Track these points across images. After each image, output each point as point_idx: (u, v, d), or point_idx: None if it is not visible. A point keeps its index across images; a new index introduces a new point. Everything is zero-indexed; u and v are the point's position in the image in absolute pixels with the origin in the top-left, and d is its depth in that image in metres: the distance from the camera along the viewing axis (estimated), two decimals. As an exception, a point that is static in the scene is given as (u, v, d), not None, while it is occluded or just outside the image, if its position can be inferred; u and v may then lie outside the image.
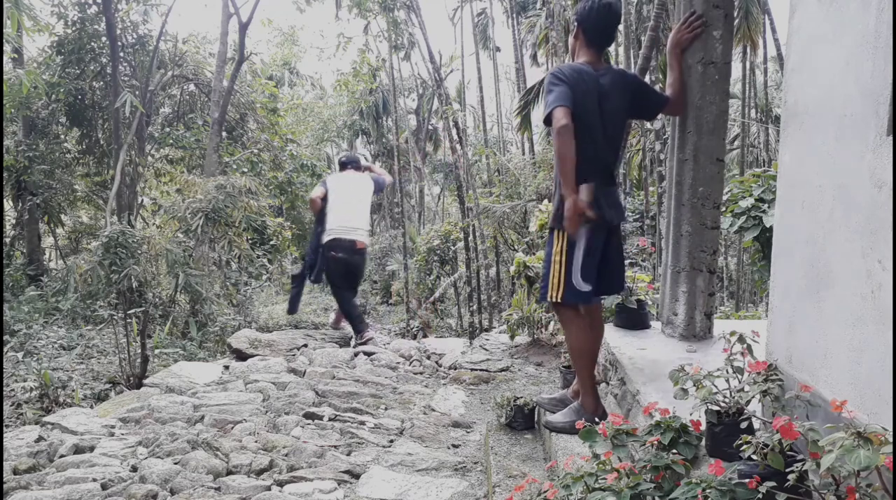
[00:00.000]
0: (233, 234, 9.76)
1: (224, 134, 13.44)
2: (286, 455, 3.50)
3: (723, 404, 2.10)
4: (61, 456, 3.49)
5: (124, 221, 9.58)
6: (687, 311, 3.59)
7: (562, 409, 3.21)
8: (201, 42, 16.27)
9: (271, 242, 12.18)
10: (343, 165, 6.79)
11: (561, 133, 2.71)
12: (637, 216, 13.26)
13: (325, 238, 6.22)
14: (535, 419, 3.75)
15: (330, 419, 4.12)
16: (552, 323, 5.74)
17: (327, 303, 16.69)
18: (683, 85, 3.37)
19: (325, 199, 6.34)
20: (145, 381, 5.26)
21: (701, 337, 3.58)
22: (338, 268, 6.24)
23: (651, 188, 12.82)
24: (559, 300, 2.91)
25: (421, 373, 5.61)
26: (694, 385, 2.13)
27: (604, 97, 2.88)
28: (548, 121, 2.80)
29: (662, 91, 3.38)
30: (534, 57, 17.41)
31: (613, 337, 3.77)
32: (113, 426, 4.00)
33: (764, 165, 15.34)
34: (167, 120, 15.21)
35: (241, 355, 5.91)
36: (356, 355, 5.94)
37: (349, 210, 6.27)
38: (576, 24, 3.00)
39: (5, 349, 6.71)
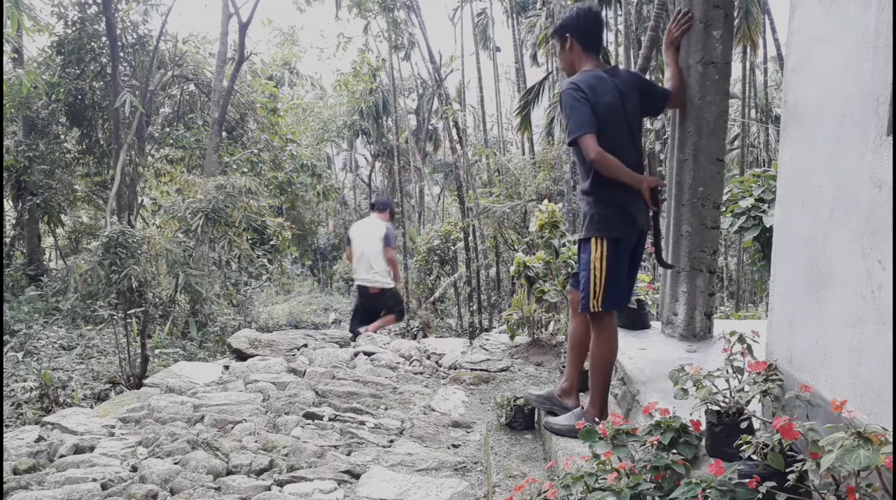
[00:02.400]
0: (233, 234, 9.76)
1: (224, 134, 13.43)
2: (286, 455, 3.50)
3: (723, 404, 2.10)
4: (61, 456, 3.49)
5: (124, 221, 9.58)
6: (687, 311, 3.59)
7: (549, 406, 3.21)
8: (201, 42, 16.27)
9: (271, 242, 12.18)
10: (371, 207, 7.64)
11: (598, 161, 2.71)
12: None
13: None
14: (535, 418, 3.75)
15: (330, 419, 4.12)
16: (552, 323, 5.73)
17: (327, 303, 16.72)
18: (682, 79, 3.37)
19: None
20: (145, 381, 5.26)
21: (701, 337, 3.59)
22: (360, 304, 7.31)
23: (651, 188, 12.77)
24: (600, 309, 2.85)
25: (421, 373, 5.61)
26: (694, 385, 2.13)
27: (625, 98, 2.86)
28: (573, 142, 2.78)
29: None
30: (534, 57, 17.40)
31: (613, 337, 3.77)
32: (113, 426, 4.00)
33: (764, 165, 15.34)
34: (167, 120, 15.21)
35: (241, 355, 5.91)
36: (356, 355, 5.94)
37: (363, 259, 7.02)
38: (566, 36, 2.93)
39: (5, 349, 6.71)
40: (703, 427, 2.15)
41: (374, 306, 7.15)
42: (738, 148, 19.29)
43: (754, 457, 1.71)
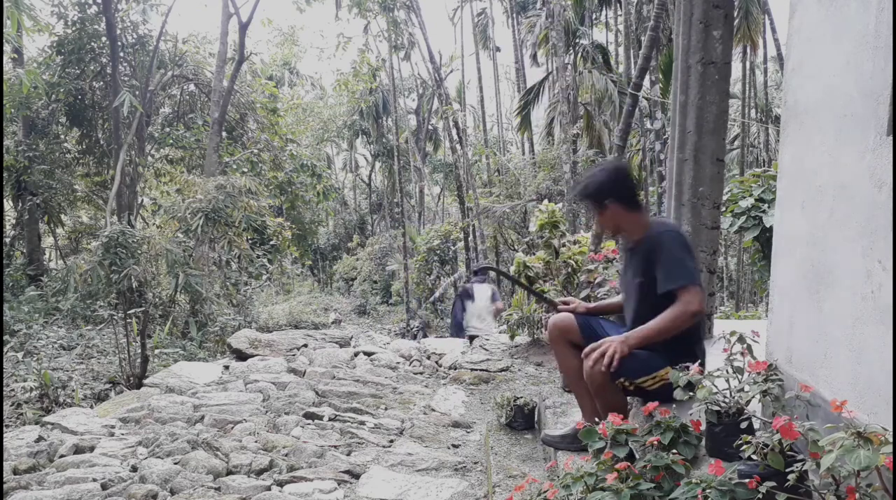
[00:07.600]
0: (233, 234, 9.76)
1: (224, 134, 13.44)
2: (286, 455, 3.50)
3: (723, 404, 2.10)
4: (61, 456, 3.49)
5: (124, 221, 9.57)
6: (687, 311, 3.58)
7: (579, 444, 2.69)
8: (201, 42, 16.26)
9: (271, 242, 12.19)
10: (474, 273, 8.31)
11: (696, 317, 2.44)
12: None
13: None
14: (535, 418, 3.75)
15: (330, 419, 4.12)
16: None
17: (327, 303, 16.73)
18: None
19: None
20: (145, 381, 5.26)
21: (701, 337, 3.58)
22: None
23: (651, 188, 12.82)
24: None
25: (421, 373, 5.61)
26: (694, 385, 2.13)
27: None
28: (672, 289, 2.42)
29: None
30: (534, 57, 17.41)
31: (613, 337, 3.77)
32: (113, 426, 4.00)
33: (764, 165, 15.33)
34: (167, 120, 15.21)
35: (241, 355, 5.91)
36: (356, 355, 5.95)
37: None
38: (605, 204, 2.59)
39: (5, 349, 6.71)
40: (703, 427, 2.15)
41: None
42: (738, 148, 19.29)
43: (754, 457, 1.71)
